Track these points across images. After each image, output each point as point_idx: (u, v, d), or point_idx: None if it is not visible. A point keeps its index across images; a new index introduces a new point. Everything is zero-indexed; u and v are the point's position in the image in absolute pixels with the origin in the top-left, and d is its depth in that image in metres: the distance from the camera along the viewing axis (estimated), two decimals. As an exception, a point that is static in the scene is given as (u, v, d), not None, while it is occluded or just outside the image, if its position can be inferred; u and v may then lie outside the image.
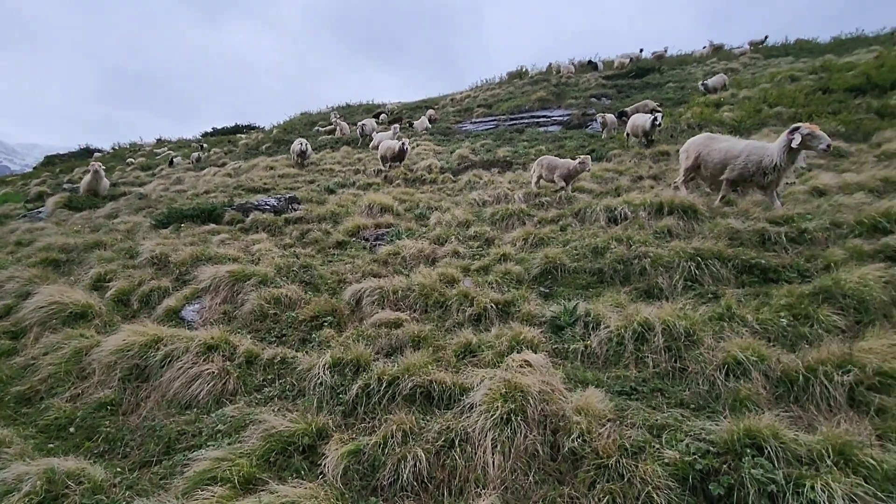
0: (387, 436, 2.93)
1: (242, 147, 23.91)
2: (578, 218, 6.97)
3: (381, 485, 2.71)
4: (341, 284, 5.68)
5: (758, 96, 13.43)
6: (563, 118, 18.45)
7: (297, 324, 4.82)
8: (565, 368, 3.62)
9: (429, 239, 6.89)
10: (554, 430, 2.89)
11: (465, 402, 3.13)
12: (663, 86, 20.04)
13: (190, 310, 5.36)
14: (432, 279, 5.20)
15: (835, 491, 2.09)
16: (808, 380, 2.92)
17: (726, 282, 4.48)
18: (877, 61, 13.41)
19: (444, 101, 27.38)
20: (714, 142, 6.38)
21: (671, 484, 2.39)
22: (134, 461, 3.29)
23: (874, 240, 4.49)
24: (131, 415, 3.77)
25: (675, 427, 2.79)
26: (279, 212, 8.85)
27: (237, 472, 2.76)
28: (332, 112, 27.26)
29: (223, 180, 13.74)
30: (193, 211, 8.79)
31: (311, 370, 3.74)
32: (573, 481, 2.62)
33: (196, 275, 5.90)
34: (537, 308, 4.51)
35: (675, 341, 3.58)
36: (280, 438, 3.05)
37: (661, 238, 5.57)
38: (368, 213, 8.49)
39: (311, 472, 2.90)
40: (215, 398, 3.77)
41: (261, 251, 6.79)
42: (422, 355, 3.78)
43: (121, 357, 4.11)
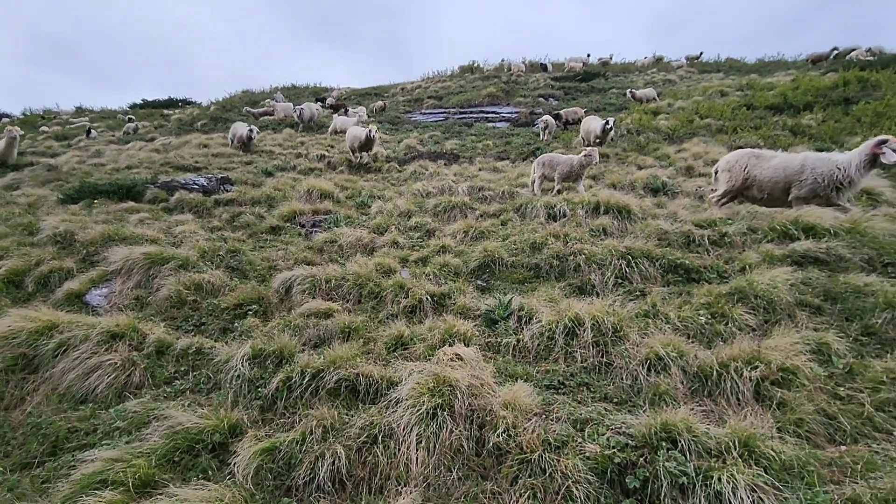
0: (306, 432, 2.76)
1: (175, 122, 22.28)
2: (519, 213, 7.02)
3: (297, 484, 2.55)
4: (271, 271, 5.38)
5: (691, 107, 14.23)
6: (512, 115, 18.67)
7: (218, 312, 4.50)
8: (497, 362, 3.60)
9: (368, 228, 6.69)
10: (481, 424, 2.84)
11: (391, 396, 3.02)
12: (607, 91, 20.79)
13: (96, 294, 4.85)
14: (368, 269, 5.03)
15: (738, 482, 2.18)
16: (721, 375, 3.07)
17: (653, 280, 4.66)
18: (793, 84, 14.61)
19: (394, 90, 26.92)
20: (762, 160, 5.77)
21: (590, 478, 2.41)
22: (15, 462, 2.91)
23: (784, 245, 4.84)
24: (14, 410, 3.34)
25: (598, 421, 2.83)
26: (209, 192, 8.28)
27: (133, 474, 2.49)
28: (277, 92, 25.98)
29: (149, 156, 12.67)
30: (110, 186, 8.01)
31: (229, 361, 3.48)
32: (496, 476, 2.59)
33: (107, 256, 5.36)
34: (473, 301, 4.47)
35: (604, 336, 3.65)
36: (187, 436, 2.80)
37: (596, 236, 5.71)
38: (307, 199, 8.13)
39: (220, 472, 2.68)
40: (117, 392, 3.42)
41: (184, 233, 6.29)
42: (350, 347, 3.63)
43: (4, 345, 3.64)
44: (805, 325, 3.66)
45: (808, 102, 12.47)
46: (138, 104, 31.57)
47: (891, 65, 14.01)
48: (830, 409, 2.82)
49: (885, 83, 12.31)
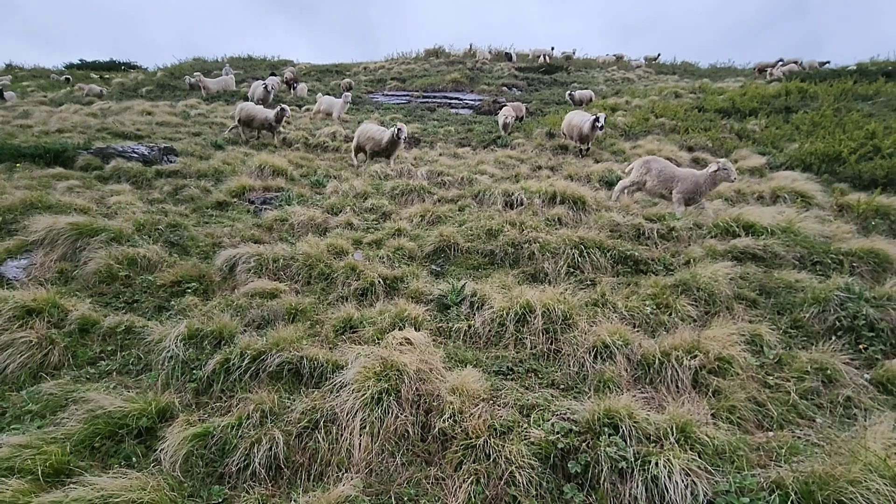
0: (243, 416, 2.62)
1: (117, 86, 20.71)
2: (477, 200, 6.99)
3: (230, 471, 2.41)
4: (215, 248, 5.09)
5: (647, 106, 14.65)
6: (475, 103, 18.58)
7: (154, 289, 4.20)
8: (447, 347, 3.56)
9: (322, 207, 6.46)
10: (427, 410, 2.80)
11: (336, 380, 2.91)
12: (569, 84, 21.07)
13: (13, 266, 4.42)
14: (320, 249, 4.85)
15: (674, 466, 2.24)
16: (663, 363, 3.16)
17: (604, 270, 4.75)
18: (741, 90, 15.34)
19: (356, 69, 26.15)
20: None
21: (534, 463, 2.42)
22: None
23: (726, 241, 5.06)
24: None
25: (544, 407, 2.84)
26: (150, 162, 7.72)
27: (43, 462, 2.28)
28: (226, 65, 24.44)
29: (85, 120, 11.69)
30: (36, 150, 7.31)
31: (162, 342, 3.25)
32: (441, 462, 2.55)
33: (27, 225, 4.88)
34: (426, 286, 4.40)
35: (553, 324, 3.68)
36: (109, 420, 2.59)
37: (551, 225, 5.76)
38: (258, 175, 7.75)
39: (145, 458, 2.50)
40: (31, 372, 3.13)
41: (119, 204, 5.84)
42: (296, 329, 3.48)
43: None
44: (741, 318, 3.83)
45: (754, 108, 13.12)
46: (75, 64, 29.12)
47: (827, 79, 14.96)
48: (760, 396, 2.96)
49: (822, 95, 13.12)
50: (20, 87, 21.28)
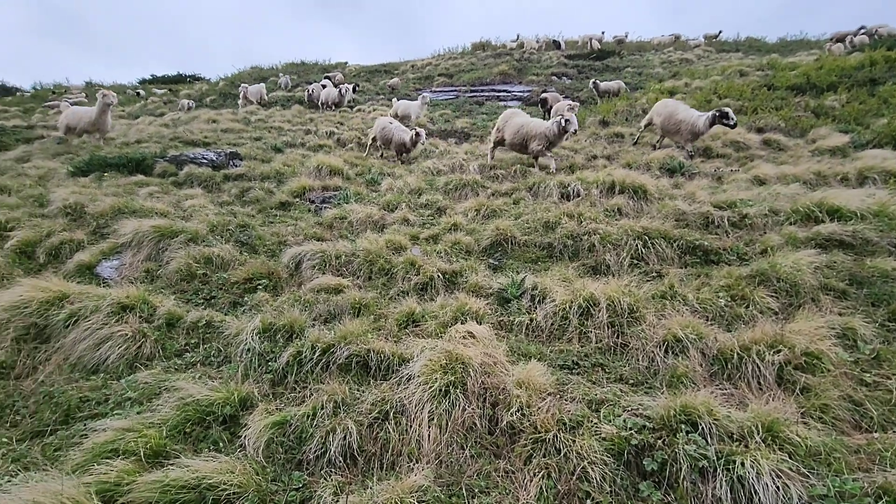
0: (316, 406, 2.73)
1: (184, 97, 22.12)
2: (532, 192, 6.88)
3: (308, 458, 2.52)
4: (281, 247, 5.33)
5: (709, 87, 13.81)
6: (524, 94, 18.30)
7: (228, 286, 4.46)
8: (509, 341, 3.54)
9: (378, 205, 6.60)
10: (493, 403, 2.79)
11: (403, 373, 2.98)
12: (622, 70, 20.28)
13: (107, 266, 4.84)
14: (379, 245, 4.96)
15: (762, 467, 2.11)
16: (742, 358, 2.98)
17: (670, 261, 4.54)
18: (816, 63, 14.10)
19: (404, 68, 26.46)
20: None
21: (607, 459, 2.35)
22: (25, 431, 2.91)
23: (807, 227, 4.68)
24: (26, 379, 3.35)
25: (613, 402, 2.77)
26: (218, 167, 8.20)
27: (144, 444, 2.48)
28: (281, 74, 25.41)
29: (159, 130, 12.59)
30: (120, 160, 7.96)
31: (240, 335, 3.45)
32: (510, 455, 2.54)
33: (117, 229, 5.33)
34: (485, 279, 4.40)
35: (619, 317, 3.57)
36: (198, 407, 2.78)
37: (611, 216, 5.58)
38: (317, 175, 8.03)
39: (231, 444, 2.66)
40: (128, 363, 3.41)
41: (194, 207, 6.24)
42: (361, 323, 3.58)
43: (15, 314, 3.63)
44: (830, 310, 3.55)
45: (832, 83, 12.03)
46: (147, 79, 31.42)
47: (921, 45, 13.47)
48: (857, 395, 2.73)
49: (914, 64, 11.83)
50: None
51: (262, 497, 2.26)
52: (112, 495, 2.18)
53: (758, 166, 7.35)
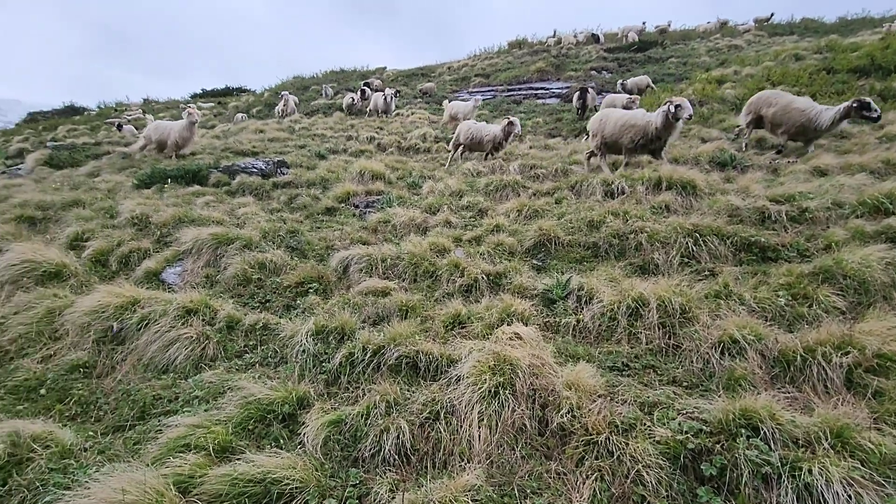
0: (370, 406, 2.82)
1: (232, 109, 23.22)
2: (574, 191, 6.79)
3: (363, 456, 2.62)
4: (329, 251, 5.51)
5: (761, 74, 13.13)
6: (562, 91, 18.03)
7: (281, 290, 4.67)
8: (556, 342, 3.53)
9: (420, 208, 6.70)
10: (543, 404, 2.80)
11: (452, 373, 3.03)
12: (665, 61, 19.59)
13: (171, 272, 5.17)
14: (423, 248, 5.04)
15: (832, 474, 2.01)
16: (806, 360, 2.84)
17: (724, 259, 4.38)
18: (882, 43, 13.10)
19: (440, 70, 26.63)
20: None
21: (662, 462, 2.31)
22: (107, 425, 3.16)
23: (876, 221, 4.39)
24: (105, 378, 3.63)
25: (667, 405, 2.71)
26: (267, 175, 8.56)
27: (212, 440, 2.64)
28: (324, 85, 26.08)
29: (211, 142, 13.27)
30: (177, 172, 8.47)
31: (294, 337, 3.61)
32: (561, 457, 2.54)
33: (178, 237, 5.68)
34: (529, 280, 4.39)
35: (670, 318, 3.49)
36: (259, 406, 2.93)
37: (658, 213, 5.43)
38: (359, 180, 8.24)
39: (290, 441, 2.79)
40: (194, 363, 3.64)
41: (246, 215, 6.56)
42: (409, 325, 3.66)
43: (95, 318, 3.95)
44: (903, 309, 3.32)
45: (902, 63, 11.17)
46: (198, 94, 33.10)
47: None
48: (937, 400, 2.55)
49: None
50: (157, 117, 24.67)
51: (322, 492, 2.37)
52: (187, 486, 2.35)
53: (818, 156, 6.95)
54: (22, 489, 2.48)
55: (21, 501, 2.42)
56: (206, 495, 2.30)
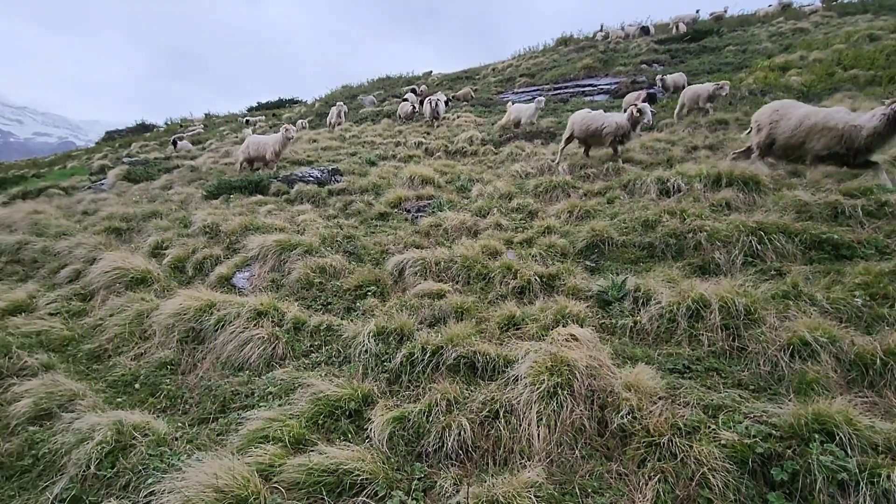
0: (431, 404, 2.94)
1: (286, 121, 24.28)
2: (627, 190, 6.66)
3: (426, 451, 2.74)
4: (384, 255, 5.72)
5: (830, 58, 12.27)
6: (611, 87, 17.58)
7: (341, 293, 4.91)
8: (613, 344, 3.51)
9: (470, 211, 6.79)
10: (602, 405, 2.82)
11: (509, 374, 3.10)
12: (722, 49, 18.64)
13: (240, 277, 5.55)
14: (475, 251, 5.13)
15: (917, 483, 1.92)
16: (887, 364, 2.69)
17: (792, 258, 4.18)
18: (976, 15, 11.90)
19: (485, 72, 26.67)
20: None
21: (729, 466, 2.28)
22: (193, 417, 3.47)
23: (968, 214, 4.05)
24: (189, 374, 3.97)
25: (732, 408, 2.66)
26: (322, 183, 8.96)
27: (288, 433, 2.85)
28: (364, 95, 26.74)
29: (268, 153, 14.01)
30: (241, 183, 9.03)
31: (357, 338, 3.80)
32: (622, 458, 2.55)
33: (245, 244, 6.08)
34: (583, 282, 4.38)
35: (734, 319, 3.39)
36: (328, 402, 3.12)
37: (718, 211, 5.25)
38: (410, 185, 8.46)
39: (357, 435, 2.96)
40: (265, 361, 3.91)
41: (305, 222, 6.91)
42: (465, 326, 3.76)
43: (178, 320, 4.32)
44: None
45: None
46: (254, 107, 34.89)
47: None
48: None
49: None
50: (217, 132, 26.24)
51: (389, 484, 2.51)
52: (268, 474, 2.56)
53: None
54: (127, 471, 2.79)
55: (128, 482, 2.73)
56: (285, 482, 2.50)
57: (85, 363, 4.27)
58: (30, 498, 2.83)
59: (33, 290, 5.62)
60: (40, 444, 3.14)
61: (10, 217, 8.59)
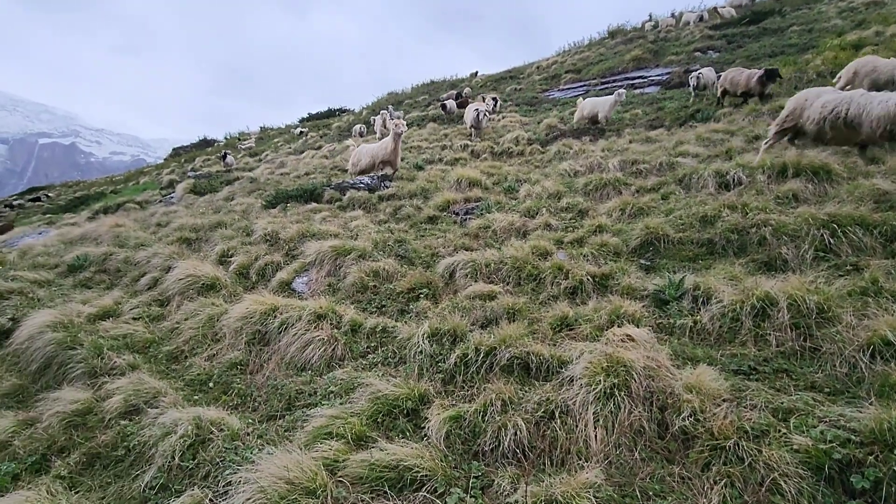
0: (486, 404, 2.99)
1: (335, 130, 25.16)
2: (682, 185, 6.42)
3: (483, 450, 2.79)
4: (434, 258, 5.82)
5: (912, 32, 11.22)
6: (662, 77, 16.94)
7: (395, 295, 5.05)
8: (671, 344, 3.41)
9: (519, 212, 6.78)
10: (661, 407, 2.76)
11: (564, 374, 3.09)
12: (785, 31, 17.48)
13: (299, 282, 5.84)
14: (524, 252, 5.13)
15: None
16: None
17: (871, 252, 3.88)
18: None
19: (529, 70, 26.41)
20: None
21: (802, 472, 2.18)
22: (262, 414, 3.70)
23: None
24: (256, 374, 4.23)
25: (805, 412, 2.53)
26: (372, 189, 9.23)
27: (350, 430, 2.99)
28: (383, 111, 27.17)
29: (320, 162, 14.60)
30: (297, 191, 9.47)
31: (411, 339, 3.90)
32: (684, 461, 2.49)
33: (303, 250, 6.39)
34: (638, 281, 4.28)
35: (804, 318, 3.21)
36: (386, 401, 3.24)
37: (784, 204, 4.95)
38: (457, 188, 8.54)
39: (415, 433, 3.05)
40: (326, 362, 4.10)
41: (358, 227, 7.15)
42: (517, 327, 3.77)
43: (245, 323, 4.61)
44: None
45: None
46: (305, 118, 36.35)
47: None
48: None
49: None
50: (272, 144, 27.57)
51: (447, 481, 2.58)
52: (333, 468, 2.70)
53: None
54: (206, 463, 3.02)
55: (207, 473, 2.96)
56: (348, 477, 2.63)
57: (165, 363, 4.65)
58: (124, 484, 3.14)
59: (118, 297, 6.18)
60: (131, 437, 3.47)
61: (96, 231, 9.46)
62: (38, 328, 5.07)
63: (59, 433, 3.69)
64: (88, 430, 3.71)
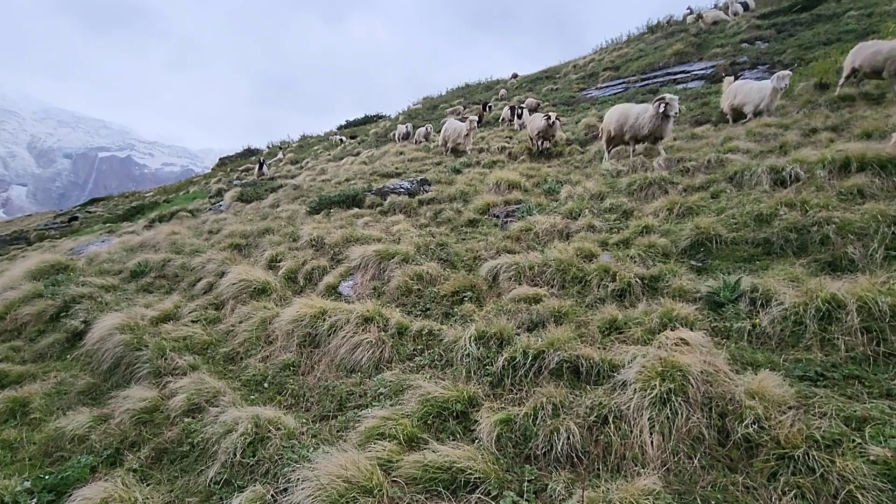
0: (537, 407, 2.97)
1: (373, 136, 25.61)
2: (733, 183, 6.17)
3: (535, 454, 2.78)
4: (476, 261, 5.84)
5: None
6: (707, 71, 16.30)
7: (439, 298, 5.10)
8: (729, 348, 3.30)
9: (561, 213, 6.70)
10: (721, 413, 2.67)
11: (616, 378, 3.04)
12: (840, 17, 16.49)
13: (345, 285, 5.99)
14: (568, 254, 5.07)
15: None
16: None
17: (949, 250, 3.62)
18: None
19: (566, 69, 26.05)
20: None
21: (881, 485, 2.06)
22: (315, 414, 3.82)
23: None
24: (308, 375, 4.37)
25: (881, 420, 2.39)
26: (412, 194, 9.35)
27: (401, 431, 3.05)
28: (415, 123, 27.28)
29: (360, 168, 14.90)
30: (339, 197, 9.72)
31: (458, 342, 3.94)
32: (748, 470, 2.40)
33: (347, 254, 6.55)
34: (689, 283, 4.15)
35: (876, 321, 3.02)
36: (435, 403, 3.28)
37: (848, 200, 4.68)
38: (496, 191, 8.53)
39: (465, 436, 3.08)
40: (374, 364, 4.19)
41: (400, 231, 7.26)
42: (565, 330, 3.74)
43: (296, 326, 4.77)
44: None
45: None
46: (343, 125, 37.20)
47: None
48: None
49: None
50: (312, 151, 28.35)
51: (500, 484, 2.59)
52: (387, 468, 2.76)
53: None
54: (266, 460, 3.15)
55: (267, 470, 3.09)
56: (402, 477, 2.68)
57: (222, 364, 4.88)
58: (190, 479, 3.31)
59: (177, 301, 6.52)
60: (194, 434, 3.65)
61: (154, 238, 10.02)
62: (107, 330, 5.43)
63: (129, 429, 3.94)
64: (156, 427, 3.94)
